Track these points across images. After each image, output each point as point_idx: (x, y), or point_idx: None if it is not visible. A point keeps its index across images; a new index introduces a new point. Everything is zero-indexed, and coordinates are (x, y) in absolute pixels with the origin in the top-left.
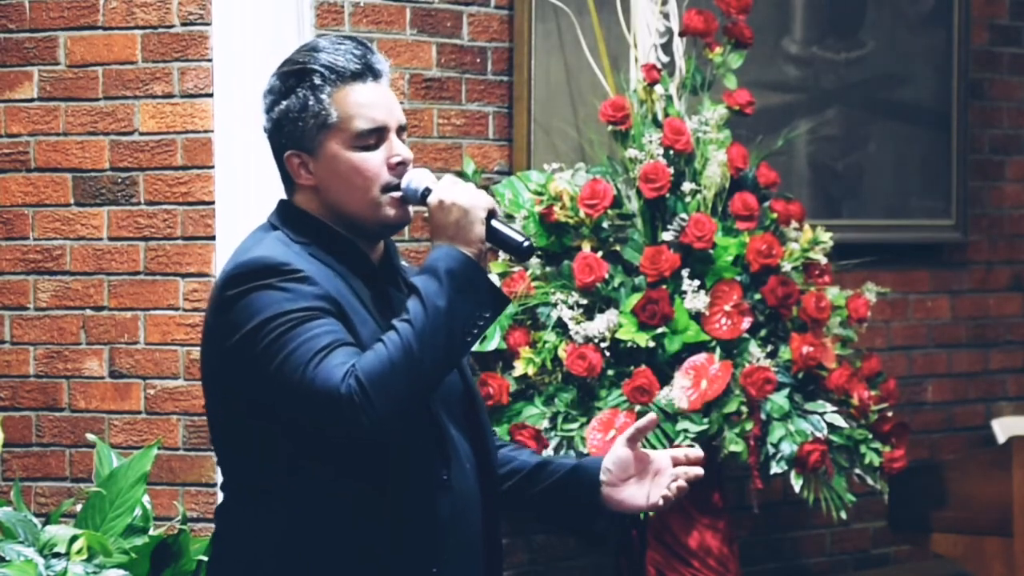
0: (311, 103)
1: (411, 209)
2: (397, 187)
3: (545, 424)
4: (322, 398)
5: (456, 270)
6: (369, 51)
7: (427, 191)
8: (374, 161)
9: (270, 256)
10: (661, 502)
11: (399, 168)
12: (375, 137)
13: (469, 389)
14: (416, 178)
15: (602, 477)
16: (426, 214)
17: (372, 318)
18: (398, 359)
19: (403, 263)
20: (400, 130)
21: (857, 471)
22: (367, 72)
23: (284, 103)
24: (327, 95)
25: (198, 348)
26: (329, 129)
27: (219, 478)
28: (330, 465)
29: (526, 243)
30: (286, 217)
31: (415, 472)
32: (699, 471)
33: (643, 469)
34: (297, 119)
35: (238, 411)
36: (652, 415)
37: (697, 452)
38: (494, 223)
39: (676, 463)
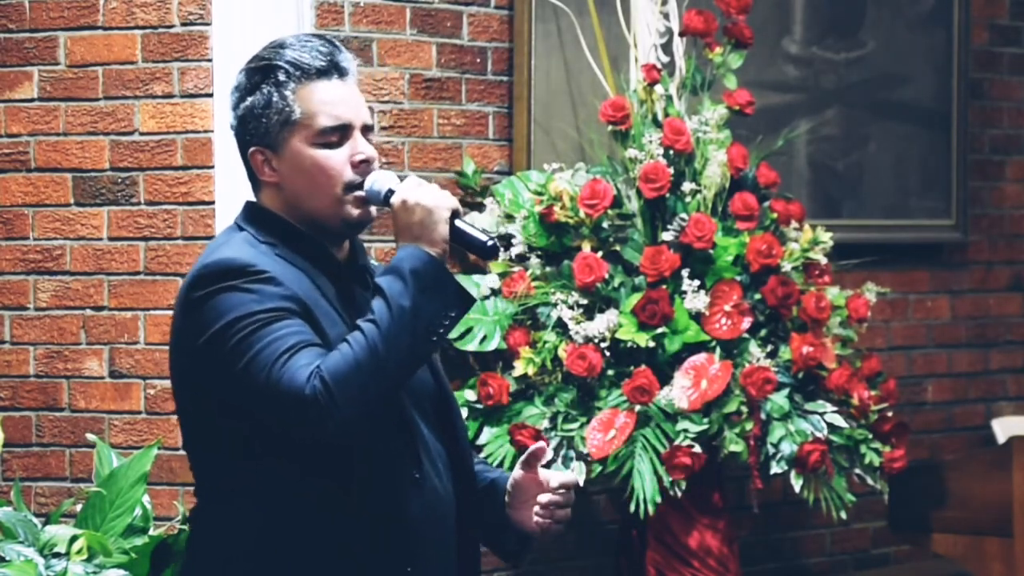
0: (275, 99)
1: (373, 209)
2: (360, 186)
3: (545, 424)
4: (287, 399)
5: (421, 270)
6: (336, 49)
7: (390, 192)
8: (337, 159)
9: (236, 257)
10: (537, 528)
11: (362, 166)
12: (338, 135)
13: (442, 389)
14: (380, 179)
15: (506, 498)
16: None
17: (340, 318)
18: (363, 360)
19: (372, 262)
20: (366, 130)
21: (857, 471)
22: (332, 70)
23: (249, 99)
24: (291, 91)
25: None
26: (293, 126)
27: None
28: (300, 464)
29: (491, 243)
30: (252, 217)
31: (387, 470)
32: (551, 496)
33: (541, 492)
34: (261, 115)
35: (208, 411)
36: (541, 444)
37: (571, 477)
38: (458, 223)
39: (563, 487)
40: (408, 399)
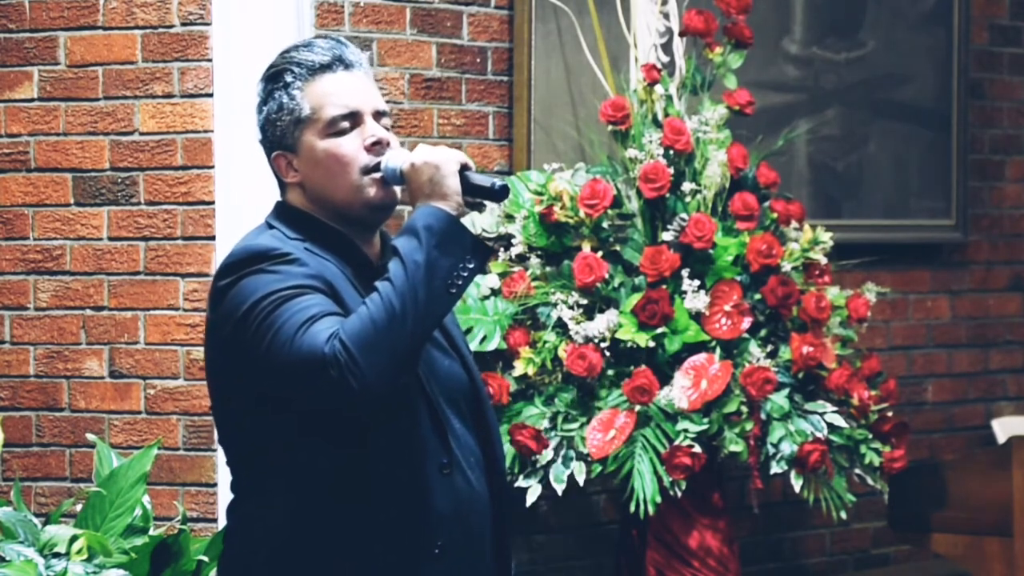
0: (285, 101)
1: (397, 190)
2: (377, 168)
3: (545, 424)
4: (309, 364)
5: (434, 226)
6: (341, 44)
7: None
8: (349, 145)
9: (259, 243)
10: None
11: (376, 148)
12: (348, 122)
13: (476, 387)
14: (394, 158)
15: None
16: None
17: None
18: (380, 318)
19: None
20: (378, 115)
21: (857, 471)
22: (337, 63)
23: (265, 108)
24: (298, 90)
25: (198, 348)
26: (304, 123)
27: (219, 477)
28: (329, 451)
29: (499, 185)
30: (281, 215)
31: (414, 458)
32: None
33: None
34: (276, 120)
35: (240, 402)
36: None
37: None
38: (467, 174)
39: None
40: (441, 394)
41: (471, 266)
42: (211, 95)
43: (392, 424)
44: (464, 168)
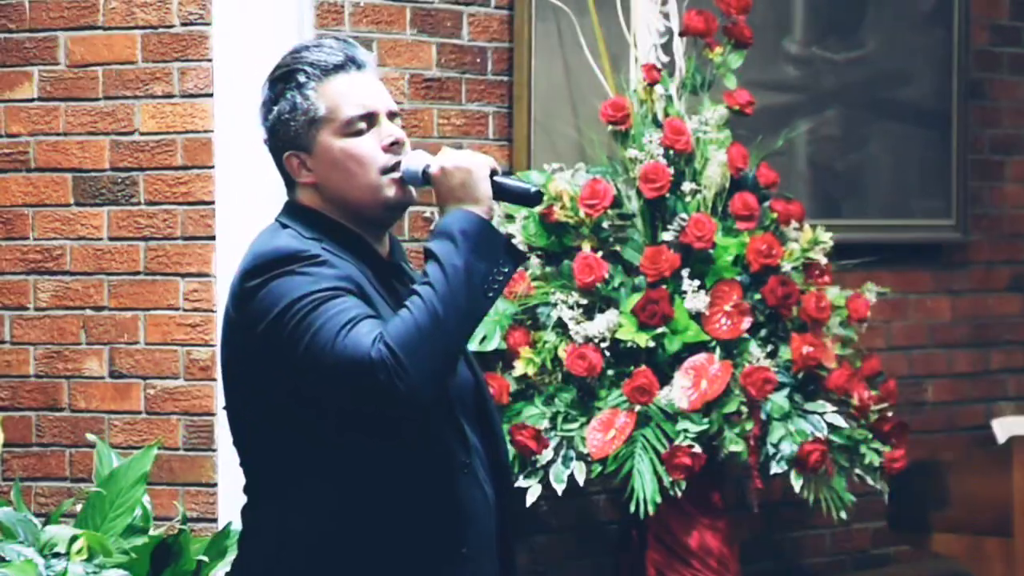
0: (299, 101)
1: (413, 190)
2: (395, 167)
3: (545, 424)
4: (354, 368)
5: (469, 230)
6: (351, 45)
7: (427, 168)
8: (367, 145)
9: (287, 245)
10: None
11: (394, 148)
12: (365, 122)
13: (480, 387)
14: (414, 160)
15: None
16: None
17: (388, 305)
18: (424, 322)
19: (407, 265)
20: (392, 115)
21: (857, 471)
22: (349, 63)
23: (275, 108)
24: (313, 90)
25: (198, 348)
26: (319, 123)
27: (219, 477)
28: (358, 451)
29: (534, 190)
30: (294, 215)
31: (440, 457)
32: None
33: None
34: (289, 120)
35: (266, 404)
36: None
37: None
38: (498, 179)
39: None
40: (452, 394)
41: (506, 269)
42: (211, 95)
43: (420, 424)
44: (493, 172)
